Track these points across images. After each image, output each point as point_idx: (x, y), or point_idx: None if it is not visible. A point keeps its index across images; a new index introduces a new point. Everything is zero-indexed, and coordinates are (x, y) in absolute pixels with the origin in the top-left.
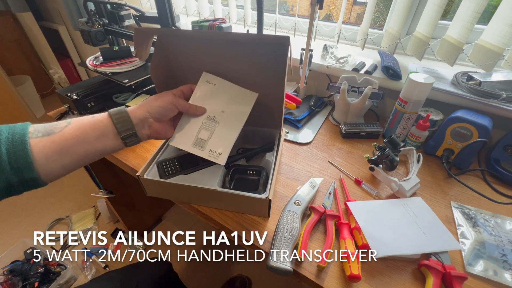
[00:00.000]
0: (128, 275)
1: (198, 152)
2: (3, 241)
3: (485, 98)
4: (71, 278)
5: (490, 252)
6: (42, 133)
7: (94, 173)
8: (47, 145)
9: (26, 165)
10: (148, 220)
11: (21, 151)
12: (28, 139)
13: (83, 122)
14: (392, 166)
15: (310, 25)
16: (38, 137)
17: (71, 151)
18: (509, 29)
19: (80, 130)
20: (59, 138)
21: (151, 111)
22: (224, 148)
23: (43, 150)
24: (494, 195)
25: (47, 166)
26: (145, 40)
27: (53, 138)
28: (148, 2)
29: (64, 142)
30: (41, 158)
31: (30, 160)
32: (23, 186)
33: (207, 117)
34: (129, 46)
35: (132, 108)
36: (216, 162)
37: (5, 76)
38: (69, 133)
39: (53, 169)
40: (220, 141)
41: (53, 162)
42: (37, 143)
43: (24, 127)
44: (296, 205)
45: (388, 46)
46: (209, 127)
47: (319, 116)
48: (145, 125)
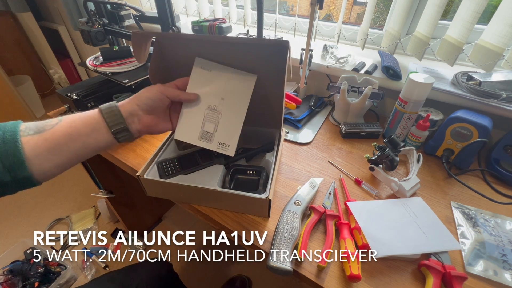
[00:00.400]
0: (129, 276)
1: (207, 145)
2: (3, 241)
3: (485, 98)
4: (71, 278)
5: (490, 252)
6: (33, 131)
7: (94, 173)
8: (39, 143)
9: (18, 163)
10: (148, 220)
11: (13, 149)
12: (19, 137)
13: (75, 118)
14: (392, 166)
15: (310, 25)
16: (29, 135)
17: (63, 148)
18: (509, 29)
19: (71, 127)
20: (51, 135)
21: (140, 103)
22: (231, 139)
23: (35, 148)
24: (494, 195)
25: (39, 164)
26: (143, 42)
27: (45, 136)
28: (148, 2)
29: (56, 139)
30: (34, 156)
31: (23, 158)
32: (16, 185)
33: (208, 107)
34: (129, 46)
35: (122, 102)
36: (226, 154)
37: (5, 76)
38: (61, 130)
39: (46, 168)
40: (226, 132)
41: (46, 160)
42: (28, 141)
43: (15, 125)
44: (296, 205)
45: (388, 46)
46: (212, 118)
47: (319, 116)
48: (135, 118)
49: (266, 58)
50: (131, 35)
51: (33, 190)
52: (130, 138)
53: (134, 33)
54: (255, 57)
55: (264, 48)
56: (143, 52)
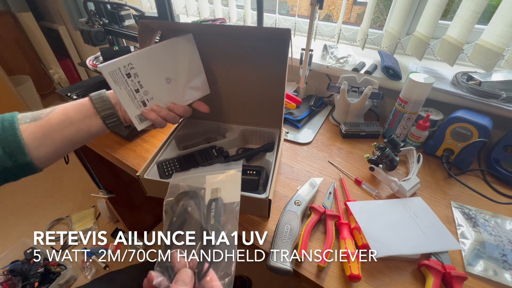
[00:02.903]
0: (129, 276)
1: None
2: (3, 241)
3: (485, 98)
4: (71, 278)
5: (490, 252)
6: (29, 119)
7: (94, 173)
8: (35, 130)
9: (18, 149)
10: (148, 220)
11: (12, 136)
12: (17, 125)
13: (67, 106)
14: (392, 166)
15: (310, 25)
16: (26, 123)
17: (58, 135)
18: (509, 29)
19: (64, 114)
20: (46, 122)
21: None
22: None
23: (32, 134)
24: (494, 195)
25: (38, 150)
26: (149, 34)
27: (40, 123)
28: (148, 2)
29: (50, 126)
30: (32, 142)
31: (22, 144)
32: (18, 170)
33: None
34: (129, 46)
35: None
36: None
37: (5, 76)
38: (55, 117)
39: (44, 153)
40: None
41: (43, 146)
42: (26, 128)
43: (12, 115)
44: (296, 205)
45: (388, 46)
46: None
47: (319, 116)
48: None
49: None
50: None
51: (33, 190)
52: (119, 125)
53: (142, 22)
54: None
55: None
56: (148, 43)
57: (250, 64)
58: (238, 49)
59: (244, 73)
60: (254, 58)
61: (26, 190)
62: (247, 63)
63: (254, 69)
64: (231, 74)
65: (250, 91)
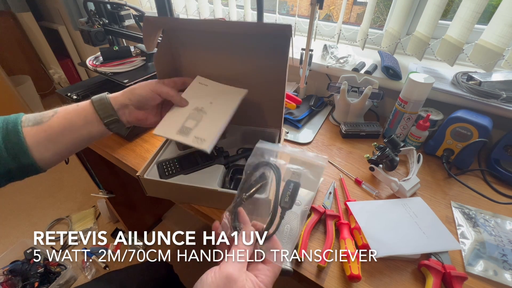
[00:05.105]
0: (129, 277)
1: (182, 139)
2: (3, 241)
3: (485, 98)
4: (71, 278)
5: (490, 252)
6: (32, 122)
7: (94, 173)
8: (37, 134)
9: (21, 151)
10: (148, 220)
11: (15, 138)
12: (20, 127)
13: (69, 111)
14: (392, 166)
15: (310, 25)
16: (29, 126)
17: (59, 139)
18: (509, 29)
19: (66, 119)
20: (48, 127)
21: (132, 98)
22: (209, 135)
23: (34, 137)
24: (494, 195)
25: (40, 152)
26: (153, 31)
27: (43, 128)
28: (148, 2)
29: (52, 131)
30: (34, 145)
31: (25, 146)
32: (22, 172)
33: (195, 108)
34: (129, 46)
35: (114, 94)
36: (200, 148)
37: (5, 76)
38: (56, 122)
39: (47, 156)
40: (206, 128)
41: (46, 149)
42: (29, 131)
43: (17, 117)
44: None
45: (388, 46)
46: (196, 116)
47: (319, 116)
48: (126, 111)
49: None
50: (131, 35)
51: (33, 190)
52: (122, 128)
53: (147, 18)
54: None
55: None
56: (152, 40)
57: (250, 63)
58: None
59: (244, 72)
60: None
61: (26, 190)
62: (247, 62)
63: (254, 68)
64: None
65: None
